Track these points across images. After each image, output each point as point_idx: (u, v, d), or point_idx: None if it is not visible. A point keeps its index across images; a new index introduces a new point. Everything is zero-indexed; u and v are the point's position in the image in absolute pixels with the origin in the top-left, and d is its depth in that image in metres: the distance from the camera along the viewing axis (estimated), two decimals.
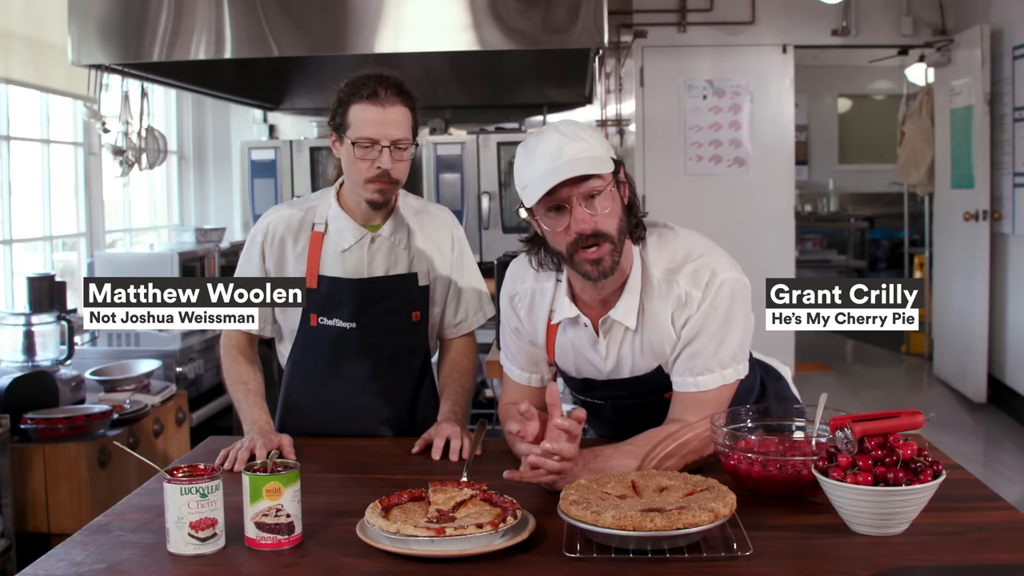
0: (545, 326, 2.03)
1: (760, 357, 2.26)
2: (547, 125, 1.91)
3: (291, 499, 1.56)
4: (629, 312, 1.91)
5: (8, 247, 4.24)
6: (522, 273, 2.06)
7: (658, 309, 1.90)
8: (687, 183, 6.66)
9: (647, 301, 1.91)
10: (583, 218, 1.79)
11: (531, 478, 1.73)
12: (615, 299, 1.92)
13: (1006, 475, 4.95)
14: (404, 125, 2.15)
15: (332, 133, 2.19)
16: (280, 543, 1.55)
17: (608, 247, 1.82)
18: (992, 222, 6.15)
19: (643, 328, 1.93)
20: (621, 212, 1.85)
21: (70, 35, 3.40)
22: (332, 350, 2.26)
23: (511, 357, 2.13)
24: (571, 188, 1.78)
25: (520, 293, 2.05)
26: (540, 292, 2.02)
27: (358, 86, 2.13)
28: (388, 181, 2.15)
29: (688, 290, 1.88)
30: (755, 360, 2.19)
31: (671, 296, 1.89)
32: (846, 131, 10.96)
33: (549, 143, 1.81)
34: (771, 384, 2.23)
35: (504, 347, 2.15)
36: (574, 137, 1.81)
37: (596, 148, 1.82)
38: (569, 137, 1.81)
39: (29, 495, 3.19)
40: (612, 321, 1.94)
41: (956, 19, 6.63)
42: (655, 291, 1.91)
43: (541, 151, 1.81)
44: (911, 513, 1.55)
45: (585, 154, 1.79)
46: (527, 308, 2.05)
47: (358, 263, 2.25)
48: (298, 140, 5.51)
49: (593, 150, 1.81)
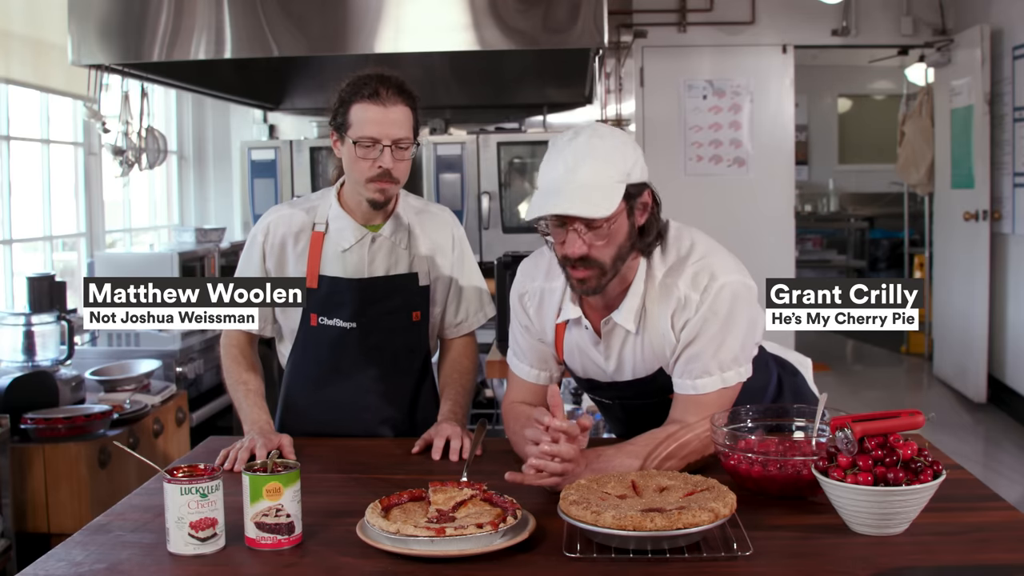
0: (554, 325, 2.03)
1: (777, 352, 2.25)
2: (582, 127, 1.83)
3: (291, 499, 1.56)
4: (630, 315, 1.91)
5: (8, 247, 4.24)
6: (532, 272, 2.06)
7: (658, 312, 1.90)
8: (687, 183, 6.66)
9: (649, 304, 1.91)
10: (574, 244, 1.79)
11: (533, 480, 1.73)
12: (618, 301, 1.92)
13: (1006, 475, 4.95)
14: (405, 124, 2.15)
15: (333, 133, 2.19)
16: (280, 543, 1.55)
17: (595, 272, 1.81)
18: (992, 222, 6.15)
19: (644, 331, 1.92)
20: (624, 239, 1.82)
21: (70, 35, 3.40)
22: (332, 350, 2.26)
23: (520, 355, 2.13)
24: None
25: (530, 292, 2.06)
26: (549, 291, 2.02)
27: (359, 86, 2.13)
28: (389, 180, 2.15)
29: (687, 293, 1.87)
30: (771, 356, 2.18)
31: (671, 298, 1.89)
32: (846, 131, 10.96)
33: (567, 159, 1.77)
34: (788, 380, 2.20)
35: (513, 344, 2.15)
36: (597, 155, 1.76)
37: (615, 173, 1.77)
38: (591, 154, 1.76)
39: (29, 495, 3.19)
40: (614, 323, 1.94)
41: (956, 19, 6.63)
42: (656, 294, 1.90)
43: (560, 163, 1.77)
44: (911, 513, 1.55)
45: (598, 183, 1.75)
46: (536, 307, 2.05)
47: (358, 263, 2.25)
48: (298, 140, 5.50)
49: (609, 177, 1.76)
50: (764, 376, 2.10)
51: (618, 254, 1.83)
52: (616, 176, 1.78)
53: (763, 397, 2.08)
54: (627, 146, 1.82)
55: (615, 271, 1.84)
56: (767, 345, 2.21)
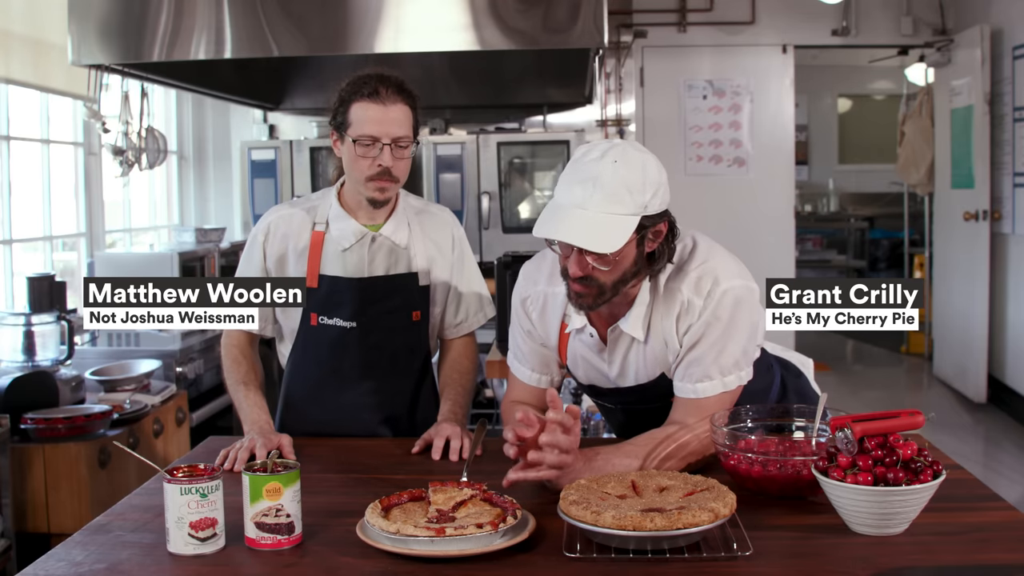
0: (558, 331, 2.03)
1: (779, 353, 2.25)
2: (611, 149, 1.77)
3: (291, 499, 1.56)
4: (637, 323, 1.90)
5: (8, 247, 4.24)
6: (534, 276, 2.06)
7: (663, 317, 1.90)
8: (687, 183, 6.66)
9: (654, 310, 1.91)
10: (577, 264, 1.78)
11: (533, 476, 1.72)
12: (623, 310, 1.92)
13: (1006, 475, 4.95)
14: (405, 123, 2.15)
15: (333, 132, 2.20)
16: (280, 543, 1.55)
17: (594, 291, 1.81)
18: (992, 222, 6.15)
19: (650, 338, 1.92)
20: (630, 265, 1.81)
21: (70, 35, 3.40)
22: (332, 350, 2.26)
23: (521, 358, 2.13)
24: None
25: (532, 296, 2.05)
26: (552, 296, 2.01)
27: (359, 85, 2.14)
28: (389, 179, 2.16)
29: (690, 297, 1.87)
30: (774, 357, 2.18)
31: (674, 303, 1.88)
32: (846, 131, 10.96)
33: (586, 184, 1.73)
34: (791, 381, 2.20)
35: (514, 347, 2.14)
36: (613, 189, 1.72)
37: (625, 210, 1.73)
38: (608, 187, 1.72)
39: (29, 495, 3.19)
40: (620, 331, 1.93)
41: (956, 19, 6.63)
42: (660, 299, 1.90)
43: (577, 187, 1.74)
44: (911, 513, 1.55)
45: (608, 219, 1.72)
46: (539, 312, 2.05)
47: (359, 262, 2.25)
48: (298, 140, 5.50)
49: (621, 211, 1.72)
50: (767, 378, 2.10)
51: (621, 278, 1.82)
52: (631, 209, 1.74)
53: (767, 399, 2.08)
54: (650, 174, 1.77)
55: (615, 293, 1.83)
56: (769, 346, 2.21)
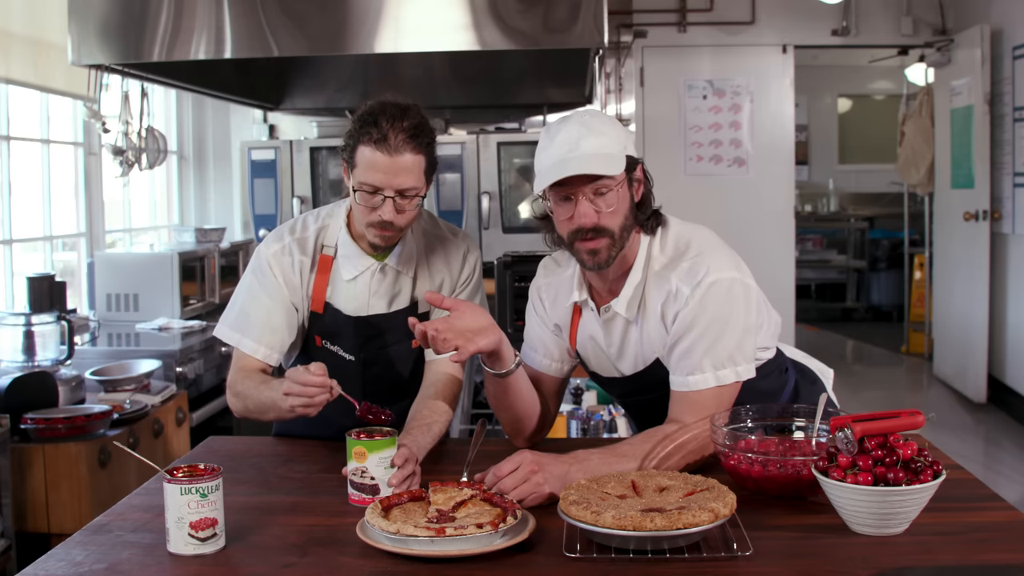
0: (570, 313, 2.07)
1: (797, 358, 2.25)
2: (572, 113, 1.91)
3: (376, 464, 1.74)
4: (624, 302, 1.95)
5: (8, 247, 4.23)
6: (551, 267, 2.13)
7: (653, 302, 1.93)
8: (687, 183, 6.67)
9: (646, 293, 1.94)
10: (586, 212, 1.83)
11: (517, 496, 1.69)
12: (619, 286, 1.96)
13: (1006, 475, 4.95)
14: (414, 173, 1.99)
15: (344, 163, 2.07)
16: (365, 501, 1.73)
17: (607, 241, 1.86)
18: (992, 222, 6.15)
19: (643, 320, 1.95)
20: (628, 210, 1.88)
21: (70, 35, 3.39)
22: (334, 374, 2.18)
23: (531, 345, 2.14)
24: (580, 182, 1.81)
25: (546, 285, 2.12)
26: (565, 280, 2.07)
27: (368, 125, 1.97)
28: (391, 229, 2.04)
29: (678, 286, 1.89)
30: (790, 361, 2.19)
31: (662, 290, 1.92)
32: (846, 131, 10.96)
33: (569, 132, 1.83)
34: (805, 387, 2.20)
35: (527, 338, 2.16)
36: (594, 130, 1.83)
37: (613, 145, 1.84)
38: (589, 129, 1.83)
39: (29, 495, 3.19)
40: (613, 311, 1.97)
41: (956, 19, 6.63)
42: (653, 284, 1.93)
43: (560, 139, 1.83)
44: (911, 513, 1.55)
45: (601, 150, 1.81)
46: (552, 298, 2.10)
47: (361, 295, 2.18)
48: (298, 140, 5.50)
49: (610, 147, 1.83)
50: (780, 380, 2.11)
51: (624, 224, 1.87)
52: (616, 146, 1.84)
53: (777, 401, 2.09)
54: (617, 125, 1.92)
55: (623, 243, 1.88)
56: (787, 350, 2.21)
